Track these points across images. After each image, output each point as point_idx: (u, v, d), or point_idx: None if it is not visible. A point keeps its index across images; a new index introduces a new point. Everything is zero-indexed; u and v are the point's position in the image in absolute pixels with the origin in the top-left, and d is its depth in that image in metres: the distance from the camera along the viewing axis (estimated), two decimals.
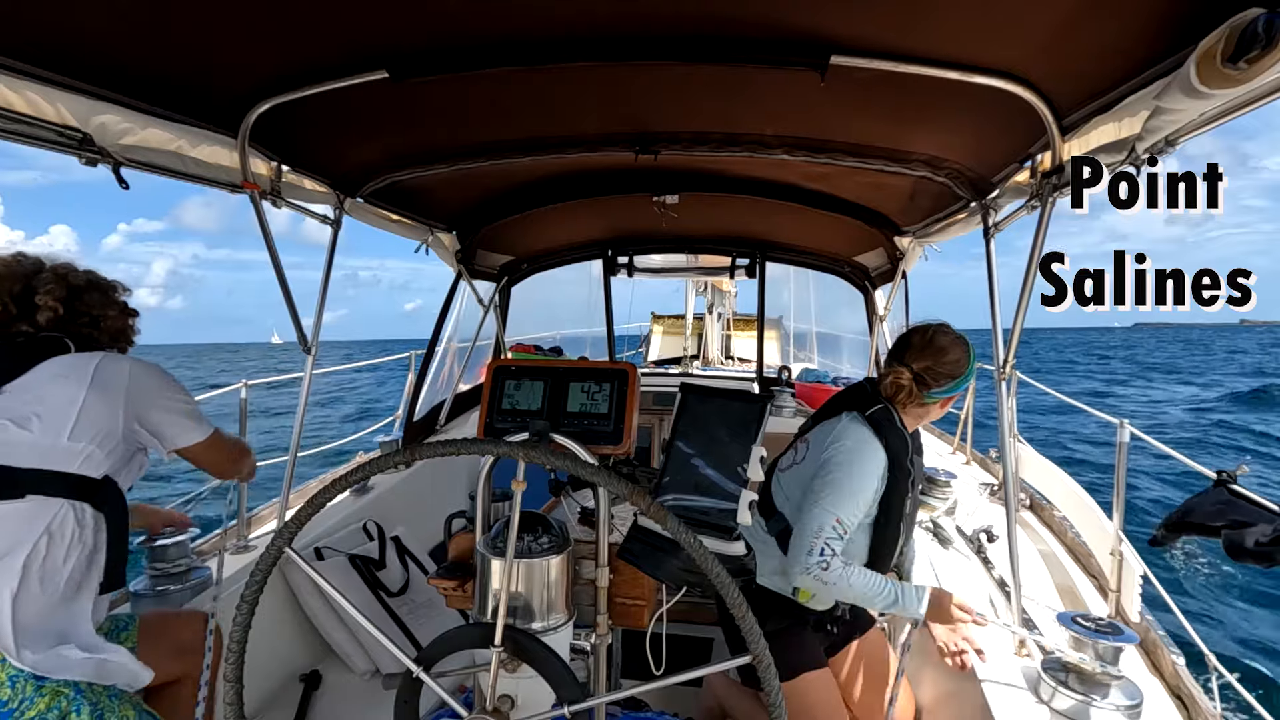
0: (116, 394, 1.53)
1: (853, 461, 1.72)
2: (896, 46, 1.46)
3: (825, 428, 1.84)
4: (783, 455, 1.98)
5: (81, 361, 1.54)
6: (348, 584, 2.44)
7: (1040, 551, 2.61)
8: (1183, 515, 1.45)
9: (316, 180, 2.26)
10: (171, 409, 1.63)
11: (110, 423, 1.52)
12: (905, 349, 1.84)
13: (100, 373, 1.53)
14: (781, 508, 1.87)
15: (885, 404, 1.80)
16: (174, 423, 1.64)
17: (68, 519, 1.43)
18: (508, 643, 1.08)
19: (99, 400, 1.50)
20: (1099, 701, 1.57)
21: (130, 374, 1.57)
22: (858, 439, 1.75)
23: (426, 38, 1.51)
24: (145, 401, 1.58)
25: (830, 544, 1.65)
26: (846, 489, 1.70)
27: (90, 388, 1.50)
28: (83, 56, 1.37)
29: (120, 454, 1.55)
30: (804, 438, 1.92)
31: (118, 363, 1.58)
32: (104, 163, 1.54)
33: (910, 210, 2.88)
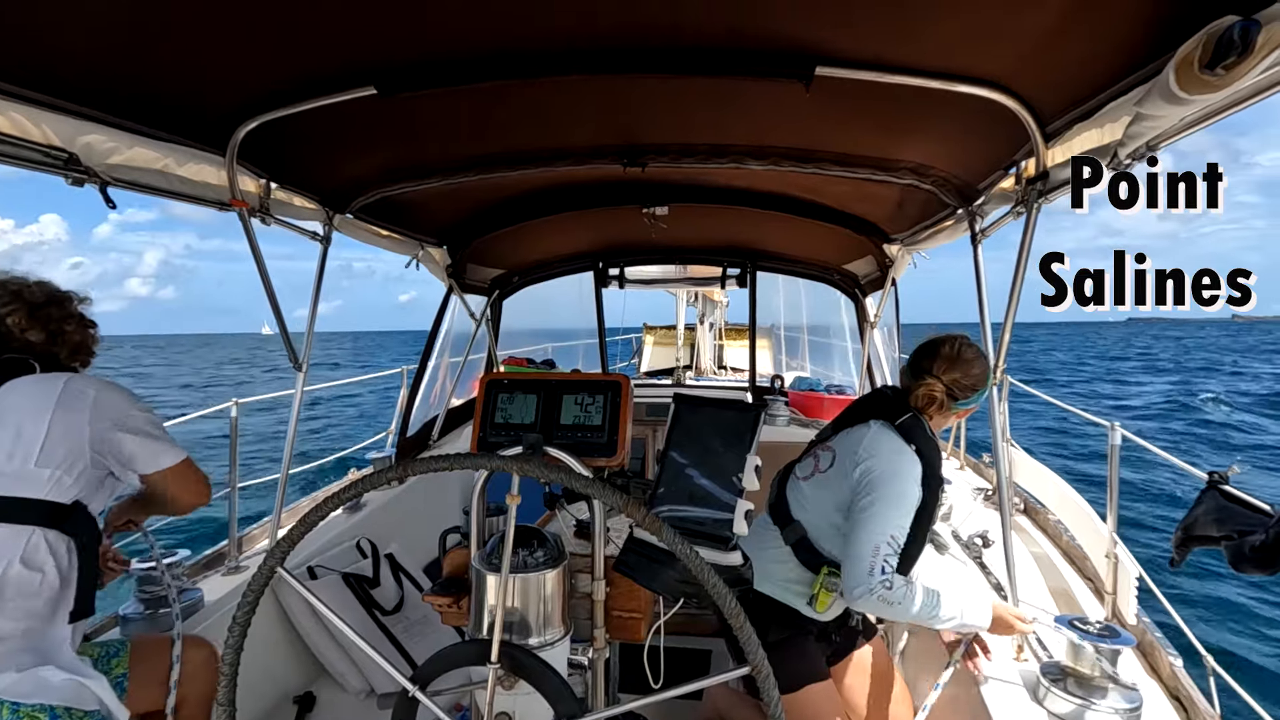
0: (82, 416, 1.50)
1: (895, 474, 1.69)
2: (881, 57, 1.47)
3: (853, 436, 1.81)
4: (799, 463, 1.95)
5: (47, 383, 1.51)
6: (341, 603, 2.41)
7: (1036, 555, 2.61)
8: (1186, 531, 1.47)
9: (305, 197, 2.26)
10: (140, 431, 1.59)
11: (77, 446, 1.49)
12: (933, 359, 1.81)
13: (66, 394, 1.51)
14: (798, 516, 1.84)
15: (914, 413, 1.79)
16: (143, 446, 1.59)
17: (39, 545, 1.41)
18: (504, 659, 1.07)
19: (65, 423, 1.48)
20: (1098, 705, 1.57)
21: (96, 396, 1.54)
22: (892, 449, 1.73)
23: (413, 53, 1.52)
24: (112, 424, 1.54)
25: (888, 561, 1.61)
26: (894, 503, 1.66)
27: (56, 410, 1.48)
28: (68, 77, 1.36)
29: (90, 478, 1.53)
30: (825, 445, 1.89)
31: (83, 384, 1.55)
32: (90, 182, 1.53)
33: (898, 218, 2.90)
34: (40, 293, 1.61)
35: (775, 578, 1.84)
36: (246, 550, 2.50)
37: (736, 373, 8.15)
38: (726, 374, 8.47)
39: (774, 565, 1.84)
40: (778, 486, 1.95)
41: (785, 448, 3.68)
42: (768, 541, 1.88)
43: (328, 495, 1.06)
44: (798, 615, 1.83)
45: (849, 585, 1.64)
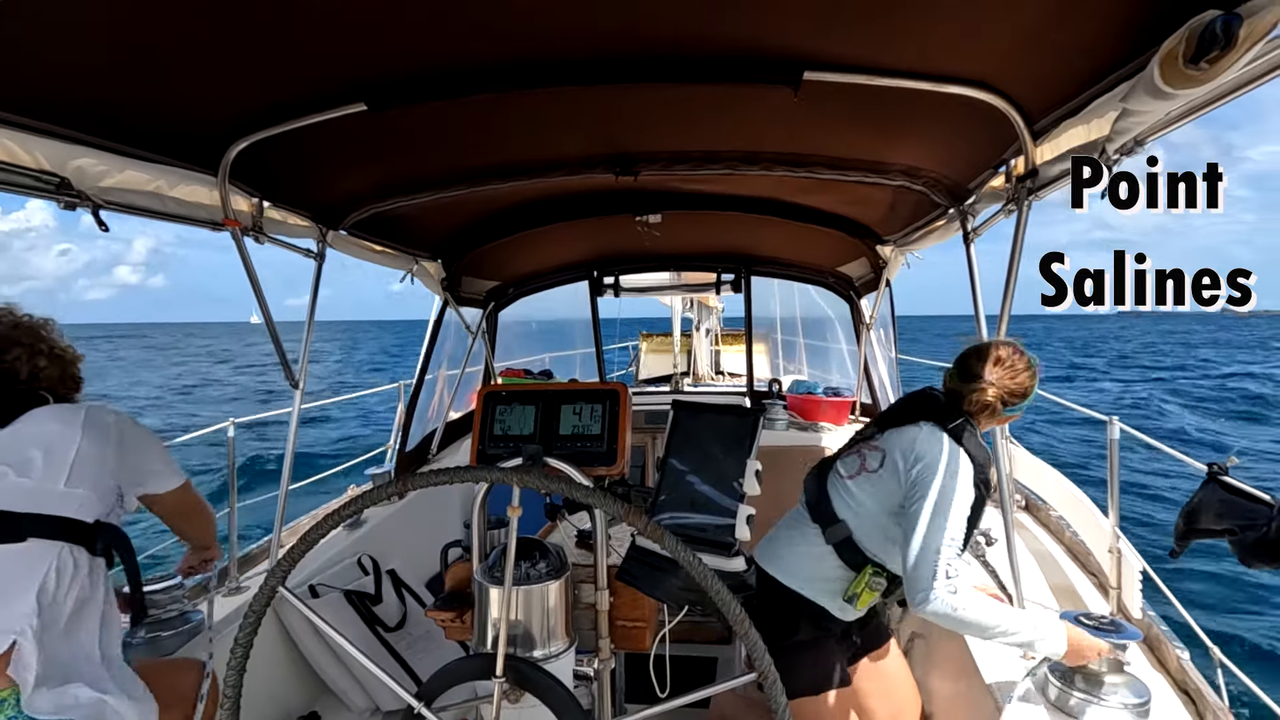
0: (105, 441, 1.57)
1: (952, 475, 1.66)
2: (868, 60, 1.48)
3: (904, 436, 1.77)
4: (840, 460, 1.91)
5: (70, 411, 1.58)
6: (344, 620, 2.40)
7: (1039, 552, 2.61)
8: (1187, 522, 1.47)
9: (298, 215, 2.26)
10: (153, 454, 1.70)
11: (101, 469, 1.56)
12: (985, 363, 1.78)
13: (90, 421, 1.58)
14: (843, 515, 1.80)
15: (965, 418, 1.76)
16: (156, 468, 1.70)
17: (67, 561, 1.46)
18: (510, 673, 1.07)
19: (92, 447, 1.55)
20: (1107, 700, 1.56)
21: (117, 422, 1.63)
22: (948, 453, 1.69)
23: (403, 68, 1.53)
24: (131, 448, 1.63)
25: (952, 564, 1.58)
26: (952, 504, 1.63)
27: (84, 435, 1.54)
28: (58, 101, 1.36)
29: (110, 501, 1.59)
30: (871, 444, 1.85)
31: (103, 412, 1.63)
32: (83, 206, 1.53)
33: (890, 220, 2.91)
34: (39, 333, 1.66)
35: (809, 575, 1.81)
36: (247, 570, 2.49)
37: (734, 378, 8.15)
38: (724, 379, 8.47)
39: (810, 563, 1.81)
40: (817, 484, 1.90)
41: (785, 452, 3.69)
42: (805, 539, 1.84)
43: (328, 513, 1.05)
44: (825, 614, 1.81)
45: (914, 592, 1.59)
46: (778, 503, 3.61)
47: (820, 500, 1.86)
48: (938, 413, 1.78)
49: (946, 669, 2.10)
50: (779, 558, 1.86)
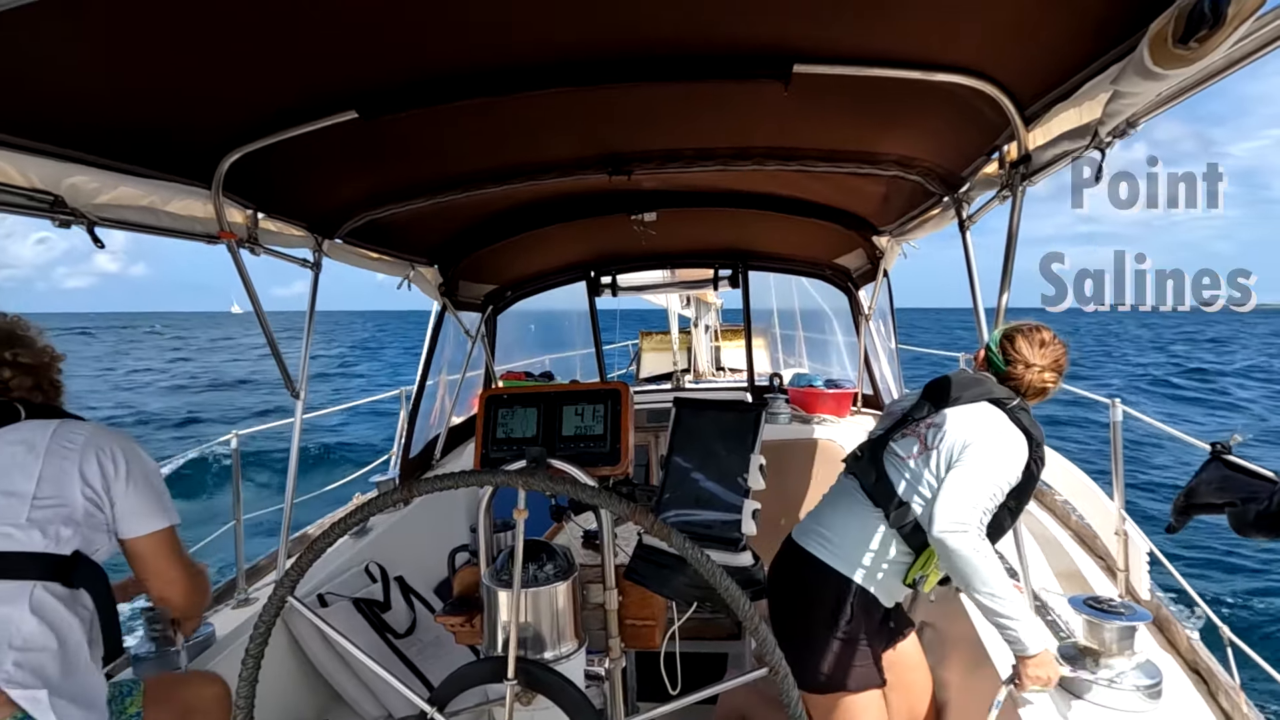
0: (71, 464, 1.42)
1: (1002, 443, 1.70)
2: (858, 51, 1.48)
3: (963, 413, 1.79)
4: (895, 440, 1.89)
5: (36, 429, 1.43)
6: (353, 628, 2.40)
7: (1045, 537, 2.61)
8: (1188, 497, 1.47)
9: (293, 225, 2.26)
10: (133, 487, 1.47)
11: (70, 496, 1.41)
12: (1035, 346, 1.81)
13: (55, 442, 1.43)
14: (908, 498, 1.79)
15: (1020, 399, 1.78)
16: (131, 503, 1.47)
17: (44, 600, 1.36)
18: (521, 675, 1.07)
19: (55, 473, 1.40)
20: (1118, 682, 1.56)
21: (87, 441, 1.45)
22: (1005, 426, 1.73)
23: (392, 75, 1.53)
24: (102, 472, 1.44)
25: (986, 513, 1.62)
26: (995, 465, 1.67)
27: (45, 459, 1.40)
28: (50, 120, 1.36)
29: (90, 525, 1.45)
30: (927, 422, 1.85)
31: (73, 429, 1.46)
32: (78, 223, 1.52)
33: (886, 210, 2.91)
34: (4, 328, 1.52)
35: (864, 560, 1.80)
36: (255, 582, 2.49)
37: (735, 373, 8.14)
38: (725, 375, 8.47)
39: (868, 547, 1.80)
40: (874, 466, 1.87)
41: (789, 445, 3.70)
42: (862, 524, 1.83)
43: (334, 522, 1.05)
44: (874, 601, 1.81)
45: (945, 517, 1.60)
46: (783, 496, 3.63)
47: (879, 482, 1.84)
48: (994, 393, 1.80)
49: (957, 656, 2.10)
50: (830, 542, 1.84)
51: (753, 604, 0.94)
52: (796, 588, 1.88)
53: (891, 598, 1.85)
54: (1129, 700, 1.54)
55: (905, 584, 1.80)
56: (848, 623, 1.78)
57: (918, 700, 2.03)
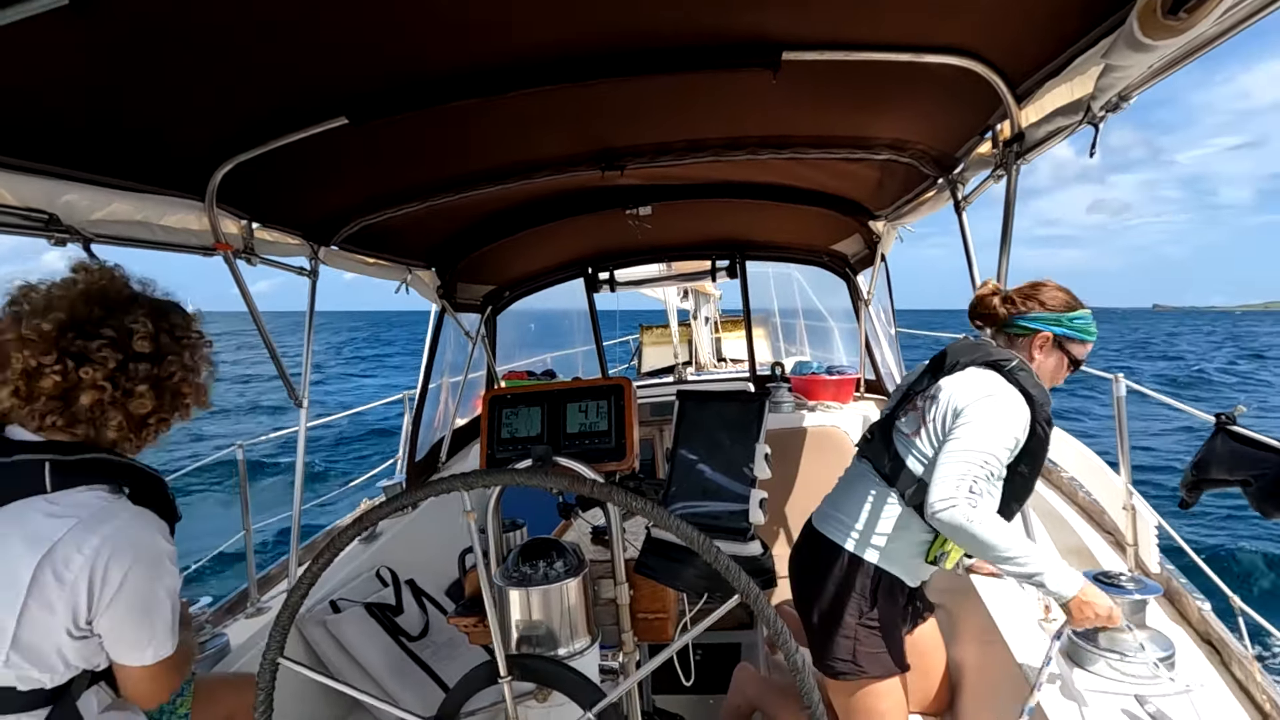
0: (61, 602, 1.12)
1: (993, 402, 1.64)
2: (846, 36, 1.48)
3: (957, 380, 1.75)
4: (898, 418, 1.87)
5: (36, 530, 1.12)
6: (367, 633, 2.41)
7: (1053, 514, 2.61)
8: (1198, 472, 1.46)
9: (288, 233, 2.26)
10: (126, 612, 1.19)
11: (55, 640, 1.15)
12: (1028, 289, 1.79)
13: (49, 566, 1.10)
14: (922, 475, 1.75)
15: (1017, 358, 1.73)
16: (119, 633, 1.21)
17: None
18: (515, 669, 1.08)
19: (41, 609, 1.11)
20: (1131, 656, 1.57)
21: (83, 566, 1.13)
22: (1002, 388, 1.67)
23: (381, 80, 1.52)
24: (90, 602, 1.15)
25: (977, 481, 1.56)
26: (990, 427, 1.61)
27: (32, 588, 1.10)
28: (41, 138, 1.36)
29: (82, 655, 1.20)
30: (925, 394, 1.82)
31: (82, 537, 1.13)
32: (74, 240, 1.53)
33: (880, 194, 2.90)
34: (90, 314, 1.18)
35: (885, 543, 1.78)
36: (267, 591, 2.50)
37: (736, 364, 8.14)
38: (726, 366, 8.47)
39: (888, 529, 1.78)
40: (885, 446, 1.85)
41: (793, 434, 3.70)
42: (879, 505, 1.81)
43: (342, 528, 1.06)
44: (898, 583, 1.80)
45: (934, 497, 1.57)
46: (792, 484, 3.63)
47: (892, 462, 1.81)
48: (991, 355, 1.75)
49: (970, 638, 2.10)
50: (848, 527, 1.83)
51: (763, 593, 0.95)
52: (819, 575, 1.86)
53: (916, 577, 1.84)
54: (1142, 673, 1.54)
55: (928, 562, 1.78)
56: (872, 608, 1.77)
57: (933, 682, 2.03)
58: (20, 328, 1.14)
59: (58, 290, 1.19)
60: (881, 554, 1.79)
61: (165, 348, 1.25)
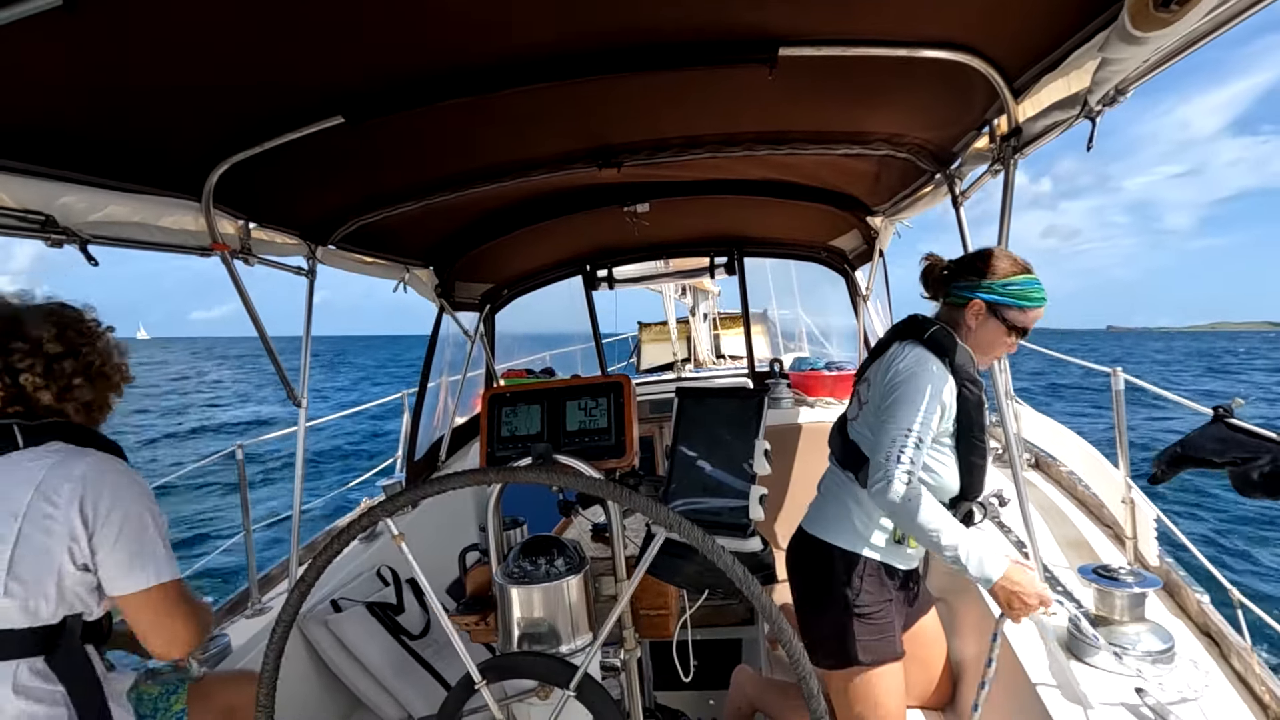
0: (57, 525, 1.24)
1: (913, 374, 1.67)
2: (842, 31, 1.48)
3: (885, 357, 1.79)
4: (848, 409, 1.94)
5: (22, 473, 1.25)
6: (368, 632, 2.41)
7: (1052, 508, 2.62)
8: (1182, 450, 1.45)
9: (286, 233, 2.26)
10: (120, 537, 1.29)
11: (52, 563, 1.24)
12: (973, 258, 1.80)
13: (40, 499, 1.23)
14: (869, 454, 1.77)
15: (941, 326, 1.76)
16: (118, 559, 1.29)
17: (27, 679, 1.24)
18: (489, 674, 1.09)
19: (37, 531, 1.22)
20: (1131, 649, 1.57)
21: (72, 494, 1.25)
22: (916, 358, 1.70)
23: (377, 79, 1.52)
24: (86, 527, 1.26)
25: (904, 452, 1.58)
26: (912, 398, 1.63)
27: (27, 514, 1.22)
28: (37, 140, 1.36)
29: (76, 593, 1.29)
30: (863, 379, 1.88)
31: (64, 479, 1.26)
32: (70, 242, 1.53)
33: (878, 190, 2.90)
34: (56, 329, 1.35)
35: (858, 529, 1.81)
36: (268, 591, 2.50)
37: (735, 361, 8.15)
38: (725, 363, 8.47)
39: (856, 515, 1.81)
40: (840, 436, 1.92)
41: (792, 430, 3.70)
42: (846, 494, 1.85)
43: (342, 528, 1.06)
44: (886, 569, 1.82)
45: (873, 480, 1.61)
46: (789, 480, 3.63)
47: (845, 449, 1.87)
48: (913, 331, 1.78)
49: (972, 632, 2.11)
50: (827, 520, 1.87)
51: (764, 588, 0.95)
52: (807, 572, 1.90)
53: (899, 560, 1.85)
54: (1142, 666, 1.55)
55: (895, 541, 1.81)
56: (859, 595, 1.79)
57: (935, 674, 2.04)
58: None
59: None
60: (856, 539, 1.82)
61: (74, 342, 1.38)
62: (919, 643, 1.99)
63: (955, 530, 1.58)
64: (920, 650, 1.99)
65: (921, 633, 2.01)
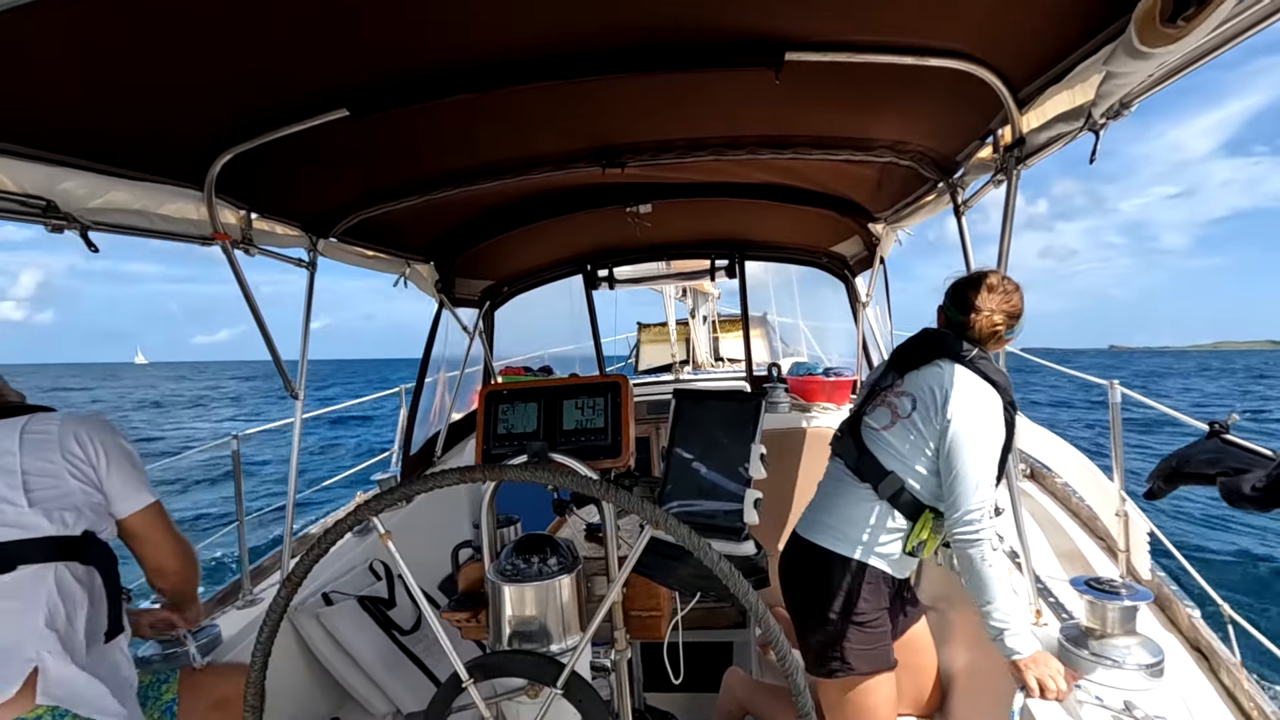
0: (53, 451, 1.47)
1: (982, 411, 1.70)
2: (849, 38, 1.48)
3: (926, 376, 1.79)
4: (869, 413, 1.91)
5: (7, 425, 1.47)
6: (359, 626, 2.41)
7: (1046, 519, 2.62)
8: (1177, 465, 1.45)
9: (287, 225, 2.25)
10: (113, 467, 1.53)
11: (61, 483, 1.46)
12: (983, 291, 1.83)
13: (29, 435, 1.46)
14: (891, 467, 1.80)
15: (979, 348, 1.78)
16: (115, 483, 1.53)
17: (65, 578, 1.42)
18: (476, 672, 1.08)
19: (40, 464, 1.44)
20: (1121, 662, 1.57)
21: (61, 428, 1.50)
22: (977, 387, 1.72)
23: (384, 72, 1.52)
24: (84, 459, 1.50)
25: (988, 505, 1.65)
26: (986, 447, 1.69)
27: (24, 453, 1.44)
28: (41, 125, 1.36)
29: (91, 507, 1.50)
30: (895, 390, 1.86)
31: (43, 421, 1.50)
32: (70, 228, 1.52)
33: (880, 196, 2.91)
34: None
35: (864, 538, 1.81)
36: (259, 582, 2.49)
37: (734, 364, 8.15)
38: (724, 366, 8.47)
39: (865, 524, 1.81)
40: (854, 443, 1.89)
41: (789, 434, 3.70)
42: (855, 501, 1.84)
43: (336, 521, 1.06)
44: (884, 577, 1.82)
45: (954, 528, 1.66)
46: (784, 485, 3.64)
47: (862, 457, 1.85)
48: (951, 348, 1.80)
49: (962, 640, 2.11)
50: (829, 527, 1.86)
51: (756, 592, 0.95)
52: (805, 578, 1.89)
53: (899, 569, 1.85)
54: (1132, 679, 1.55)
55: (906, 553, 1.81)
56: (857, 604, 1.79)
57: (925, 682, 2.04)
58: None
59: None
60: (862, 549, 1.81)
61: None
62: (910, 650, 1.99)
63: (1009, 601, 1.63)
64: (911, 658, 1.99)
65: (913, 640, 2.01)
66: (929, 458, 1.77)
